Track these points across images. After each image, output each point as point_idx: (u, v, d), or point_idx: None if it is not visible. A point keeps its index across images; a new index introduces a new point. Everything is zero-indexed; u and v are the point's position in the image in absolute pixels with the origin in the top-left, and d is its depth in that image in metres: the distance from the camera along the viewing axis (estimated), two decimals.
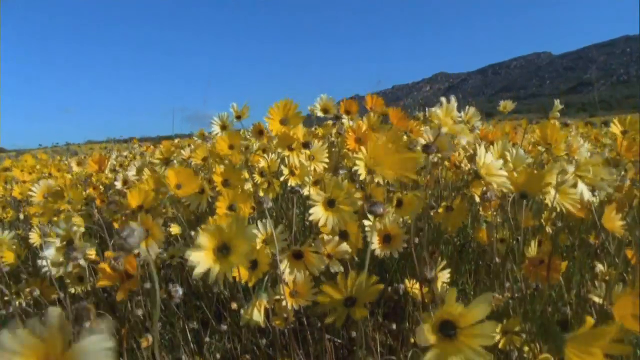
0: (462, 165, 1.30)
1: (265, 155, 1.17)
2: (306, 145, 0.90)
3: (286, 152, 0.89)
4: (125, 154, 3.05)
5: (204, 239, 0.53)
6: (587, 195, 0.74)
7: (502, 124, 2.70)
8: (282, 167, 0.93)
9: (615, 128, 1.02)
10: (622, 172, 1.15)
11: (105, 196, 1.58)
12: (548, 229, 0.96)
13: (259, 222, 0.79)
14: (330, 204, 0.68)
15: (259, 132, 1.34)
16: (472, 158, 0.99)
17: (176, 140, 3.38)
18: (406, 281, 0.83)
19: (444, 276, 0.77)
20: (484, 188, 0.75)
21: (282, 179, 0.92)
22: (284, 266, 0.71)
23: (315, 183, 0.93)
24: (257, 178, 1.12)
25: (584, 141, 1.06)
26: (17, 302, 0.99)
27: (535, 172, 0.73)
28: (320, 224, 0.66)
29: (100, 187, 2.15)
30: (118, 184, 1.52)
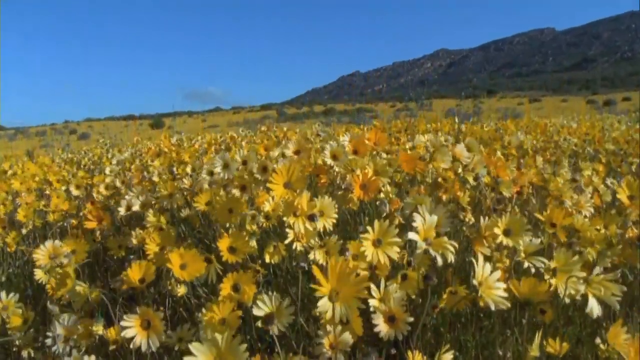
0: None
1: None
2: (312, 217, 0.90)
3: (291, 220, 0.89)
4: (123, 156, 3.03)
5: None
6: (596, 311, 0.74)
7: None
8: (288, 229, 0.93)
9: (622, 194, 1.01)
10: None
11: (107, 216, 1.57)
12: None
13: (264, 296, 0.80)
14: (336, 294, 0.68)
15: (263, 169, 1.34)
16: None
17: (175, 142, 3.36)
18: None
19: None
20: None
21: (286, 241, 0.93)
22: None
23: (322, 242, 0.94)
24: (263, 221, 1.12)
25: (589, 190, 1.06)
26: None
27: (539, 278, 0.73)
28: (328, 316, 0.67)
29: (103, 190, 2.15)
30: (122, 210, 1.52)
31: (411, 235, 0.76)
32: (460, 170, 1.23)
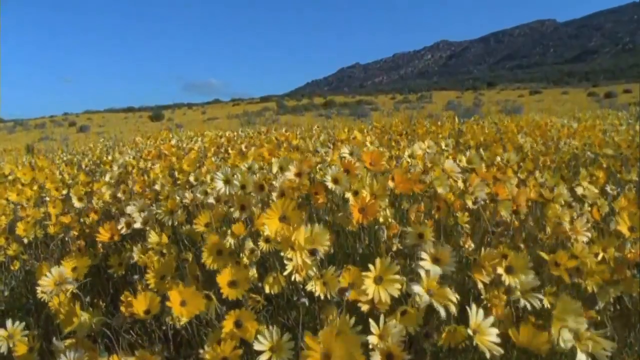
0: None
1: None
2: (313, 252, 0.90)
3: (289, 254, 0.90)
4: (124, 159, 3.03)
5: None
6: None
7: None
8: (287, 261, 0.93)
9: (623, 225, 1.02)
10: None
11: (117, 231, 1.56)
12: None
13: (265, 331, 0.81)
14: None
15: (260, 187, 1.34)
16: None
17: (174, 143, 3.35)
18: None
19: None
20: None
21: (285, 273, 0.93)
22: None
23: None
24: (263, 245, 1.12)
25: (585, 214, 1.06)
26: None
27: (537, 323, 0.74)
28: None
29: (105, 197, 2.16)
30: (123, 229, 1.52)
31: (415, 288, 0.76)
32: (459, 192, 1.24)
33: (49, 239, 1.96)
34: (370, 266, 0.85)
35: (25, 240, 1.91)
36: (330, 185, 1.20)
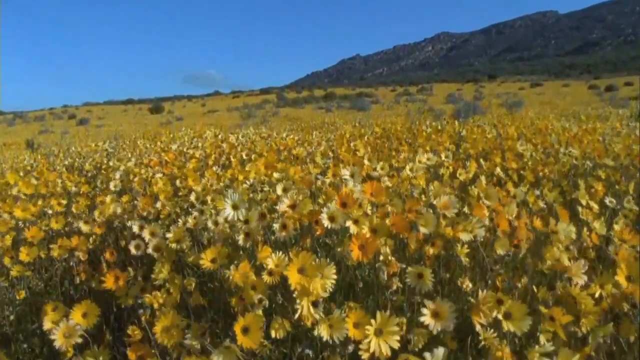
0: None
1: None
2: (315, 304, 0.93)
3: (305, 303, 0.92)
4: (126, 166, 3.04)
5: None
6: None
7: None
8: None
9: (620, 275, 1.03)
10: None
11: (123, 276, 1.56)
12: None
13: None
14: None
15: (262, 215, 1.36)
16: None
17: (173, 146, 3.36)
18: None
19: None
20: None
21: (295, 316, 0.95)
22: None
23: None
24: (266, 278, 1.14)
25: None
26: None
27: None
28: None
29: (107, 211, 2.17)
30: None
31: None
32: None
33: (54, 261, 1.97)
34: (372, 321, 0.87)
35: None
36: (326, 223, 1.22)
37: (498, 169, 2.70)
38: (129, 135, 14.40)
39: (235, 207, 1.49)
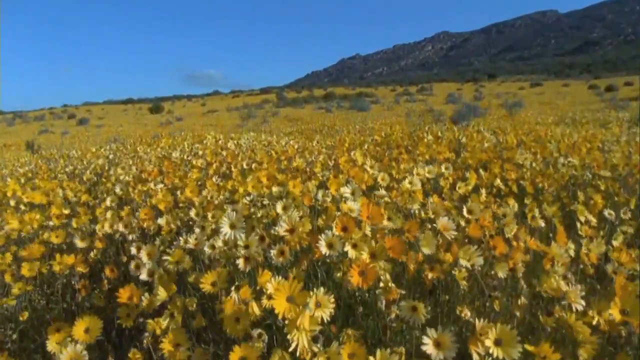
0: None
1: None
2: (315, 339, 0.94)
3: (295, 335, 0.93)
4: (126, 178, 3.05)
5: None
6: None
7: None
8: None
9: (614, 308, 1.04)
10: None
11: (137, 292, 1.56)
12: None
13: None
14: None
15: (261, 239, 1.37)
16: None
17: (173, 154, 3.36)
18: None
19: None
20: None
21: (290, 349, 0.96)
22: None
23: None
24: (266, 302, 1.15)
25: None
26: None
27: None
28: None
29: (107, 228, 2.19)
30: (143, 275, 1.55)
31: None
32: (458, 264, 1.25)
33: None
34: (371, 358, 0.88)
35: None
36: (324, 250, 1.23)
37: (498, 180, 2.71)
38: (129, 136, 14.45)
39: (233, 227, 1.50)
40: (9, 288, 1.88)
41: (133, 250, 1.65)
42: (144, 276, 1.42)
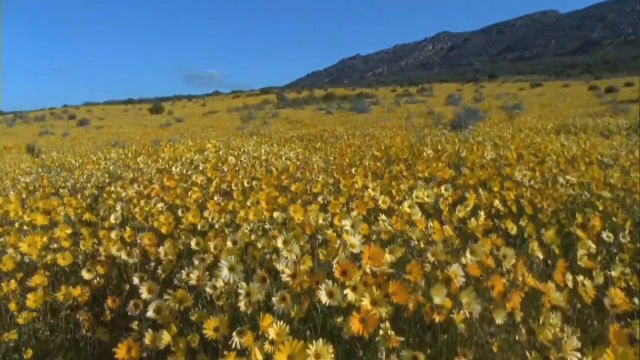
0: None
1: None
2: None
3: None
4: (128, 193, 3.06)
5: None
6: None
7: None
8: None
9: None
10: None
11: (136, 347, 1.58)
12: None
13: None
14: None
15: (263, 279, 1.39)
16: None
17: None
18: None
19: None
20: None
21: None
22: None
23: None
24: (268, 347, 1.17)
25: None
26: None
27: None
28: None
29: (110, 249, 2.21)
30: (144, 293, 1.57)
31: None
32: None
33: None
34: None
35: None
36: (325, 300, 1.24)
37: (497, 201, 2.72)
38: (130, 139, 14.47)
39: (232, 270, 1.52)
40: (12, 315, 1.91)
41: (135, 280, 1.66)
42: (150, 314, 1.43)
